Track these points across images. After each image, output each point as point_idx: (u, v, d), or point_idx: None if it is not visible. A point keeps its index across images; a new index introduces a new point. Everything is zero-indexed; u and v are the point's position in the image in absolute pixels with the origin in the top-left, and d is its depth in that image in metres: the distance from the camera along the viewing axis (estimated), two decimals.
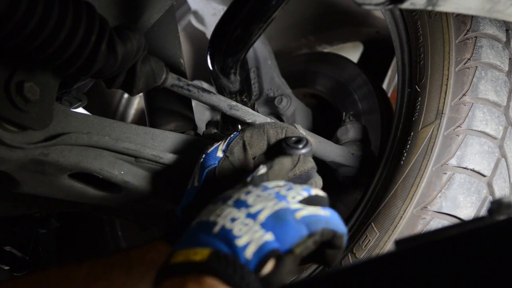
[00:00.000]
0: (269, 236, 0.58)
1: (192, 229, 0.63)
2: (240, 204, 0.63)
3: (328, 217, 0.63)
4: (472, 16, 1.00)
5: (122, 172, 0.98)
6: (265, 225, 0.59)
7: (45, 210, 1.35)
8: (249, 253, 0.57)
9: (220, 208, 0.63)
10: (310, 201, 0.65)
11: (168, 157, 1.00)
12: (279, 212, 0.61)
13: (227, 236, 0.58)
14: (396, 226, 0.95)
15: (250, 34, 0.97)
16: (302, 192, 0.66)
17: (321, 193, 0.68)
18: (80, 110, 1.39)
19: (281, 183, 0.69)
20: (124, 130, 0.97)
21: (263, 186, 0.67)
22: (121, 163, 0.98)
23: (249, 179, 0.73)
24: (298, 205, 0.63)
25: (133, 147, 0.96)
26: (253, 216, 0.60)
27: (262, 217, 0.60)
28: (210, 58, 1.04)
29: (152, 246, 0.82)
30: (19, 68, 0.77)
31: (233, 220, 0.60)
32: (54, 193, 0.99)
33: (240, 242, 0.57)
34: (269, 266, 0.58)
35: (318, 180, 0.88)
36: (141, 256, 0.81)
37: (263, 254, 0.57)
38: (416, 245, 0.47)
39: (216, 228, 0.59)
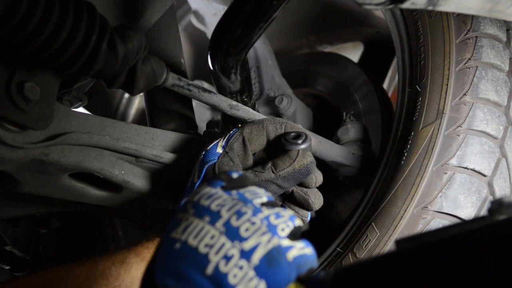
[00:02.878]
0: (263, 287, 0.56)
1: (179, 255, 0.59)
2: (232, 234, 0.59)
3: (312, 256, 0.62)
4: (473, 16, 1.00)
5: (123, 172, 0.98)
6: (258, 270, 0.57)
7: (45, 210, 1.36)
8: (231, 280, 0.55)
9: (210, 233, 0.59)
10: (295, 233, 0.63)
11: (169, 157, 1.00)
12: (273, 253, 0.59)
13: (222, 284, 0.55)
14: (396, 226, 0.95)
15: (250, 34, 0.97)
16: (289, 222, 0.63)
17: (300, 222, 0.65)
18: (81, 109, 1.39)
19: (265, 198, 0.66)
20: (125, 130, 0.97)
21: (253, 207, 0.63)
22: (121, 162, 0.98)
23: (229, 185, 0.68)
24: (288, 242, 0.61)
25: (133, 147, 0.96)
26: (247, 257, 0.57)
27: (256, 259, 0.57)
28: (211, 58, 1.04)
29: (151, 243, 0.82)
30: (19, 68, 0.77)
31: (227, 259, 0.57)
32: (54, 193, 0.99)
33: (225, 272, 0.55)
34: None
35: (318, 175, 0.88)
36: (140, 253, 0.80)
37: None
38: (417, 245, 0.47)
39: (210, 269, 0.56)
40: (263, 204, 0.64)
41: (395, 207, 0.97)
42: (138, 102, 2.06)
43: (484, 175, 0.94)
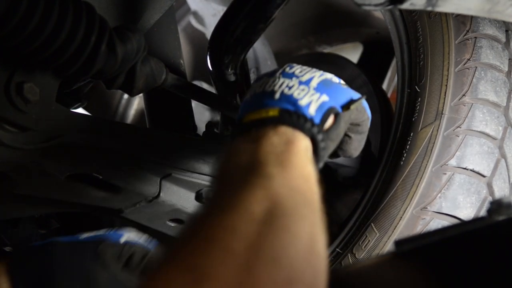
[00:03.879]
0: (325, 97, 0.67)
1: (251, 99, 0.69)
2: (289, 75, 0.69)
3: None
4: (472, 17, 1.00)
5: (122, 173, 0.98)
6: (318, 89, 0.67)
7: (45, 211, 1.35)
8: (312, 110, 0.65)
9: (271, 81, 0.69)
10: None
11: (168, 158, 1.00)
12: (327, 80, 0.70)
13: (290, 99, 0.65)
14: (396, 226, 0.95)
15: (250, 34, 0.97)
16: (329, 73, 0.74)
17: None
18: (80, 110, 1.39)
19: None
20: (124, 130, 0.97)
21: (297, 67, 0.72)
22: (121, 163, 0.98)
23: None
24: (337, 79, 0.72)
25: (133, 147, 0.96)
26: (305, 83, 0.67)
27: (314, 83, 0.68)
28: (210, 59, 1.04)
29: None
30: (19, 69, 0.77)
31: (289, 87, 0.67)
32: (54, 194, 0.99)
33: (302, 102, 0.65)
34: (329, 122, 0.67)
35: None
36: None
37: (325, 111, 0.66)
38: (416, 246, 0.47)
39: (277, 95, 0.66)
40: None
41: (395, 207, 0.97)
42: (137, 103, 2.06)
43: (483, 176, 0.94)
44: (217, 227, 0.45)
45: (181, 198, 1.08)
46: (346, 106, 0.69)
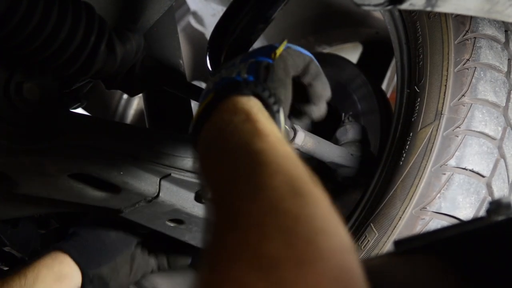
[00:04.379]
0: (252, 60, 0.72)
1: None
2: (219, 69, 0.76)
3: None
4: (471, 17, 1.00)
5: (121, 173, 0.98)
6: (243, 60, 0.73)
7: (44, 211, 1.36)
8: (243, 75, 0.69)
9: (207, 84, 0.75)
10: None
11: (168, 158, 1.00)
12: (250, 51, 0.76)
13: (221, 81, 0.70)
14: (395, 226, 0.95)
15: (249, 34, 0.97)
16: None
17: None
18: (80, 110, 1.39)
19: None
20: (123, 130, 0.97)
21: (228, 62, 0.78)
22: (120, 163, 0.98)
23: None
24: None
25: (132, 147, 0.96)
26: (233, 65, 0.73)
27: (238, 60, 0.74)
28: (210, 59, 1.04)
29: (55, 261, 1.06)
30: (18, 69, 0.77)
31: (220, 75, 0.72)
32: (53, 194, 0.99)
33: (233, 75, 0.69)
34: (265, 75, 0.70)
35: None
36: (49, 268, 1.02)
37: (253, 67, 0.70)
38: (416, 246, 0.48)
39: (210, 86, 0.71)
40: None
41: (394, 208, 0.97)
42: (137, 103, 2.06)
43: (483, 176, 0.94)
44: (257, 213, 0.46)
45: (181, 198, 1.08)
46: (273, 54, 0.72)
